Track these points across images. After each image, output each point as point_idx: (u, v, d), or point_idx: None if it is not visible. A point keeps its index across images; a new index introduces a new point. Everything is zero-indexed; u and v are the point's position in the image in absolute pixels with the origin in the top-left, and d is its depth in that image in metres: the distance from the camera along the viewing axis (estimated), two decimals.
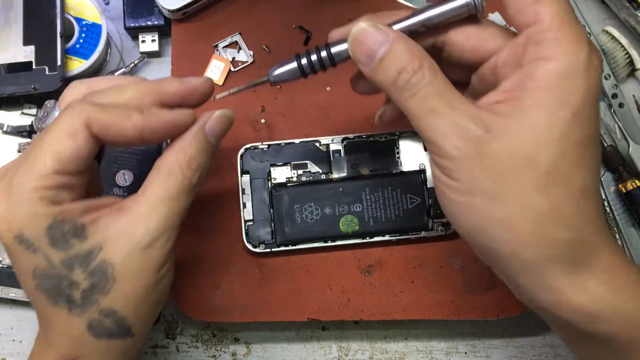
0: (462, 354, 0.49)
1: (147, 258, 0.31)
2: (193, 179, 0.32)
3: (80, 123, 0.30)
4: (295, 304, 0.45)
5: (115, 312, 0.31)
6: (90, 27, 0.49)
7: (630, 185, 0.49)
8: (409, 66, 0.29)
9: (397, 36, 0.30)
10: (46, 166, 0.29)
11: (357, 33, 0.30)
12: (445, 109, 0.28)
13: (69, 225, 0.30)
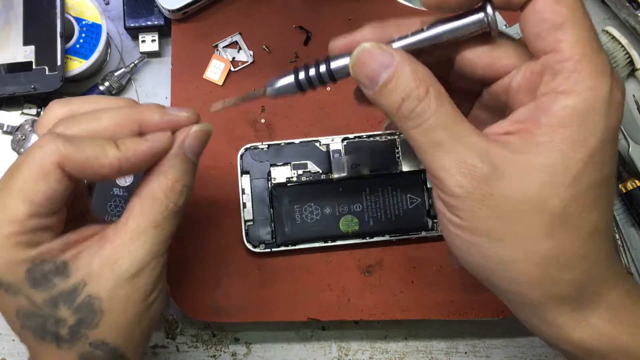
0: (462, 353, 0.49)
1: (134, 288, 0.30)
2: (179, 202, 0.31)
3: (52, 163, 0.28)
4: (295, 304, 0.45)
5: (107, 343, 0.30)
6: (90, 27, 0.49)
7: (630, 185, 0.49)
8: (414, 93, 0.27)
9: (403, 59, 0.27)
10: (19, 211, 0.28)
11: (359, 54, 0.28)
12: (450, 142, 0.27)
13: (50, 265, 0.29)
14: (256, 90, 0.32)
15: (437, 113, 0.27)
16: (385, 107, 0.28)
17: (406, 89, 0.27)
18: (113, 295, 0.30)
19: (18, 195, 0.28)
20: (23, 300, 0.29)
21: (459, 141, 0.27)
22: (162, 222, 0.30)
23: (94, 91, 0.50)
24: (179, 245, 0.44)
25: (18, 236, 0.28)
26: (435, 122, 0.27)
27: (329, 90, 0.48)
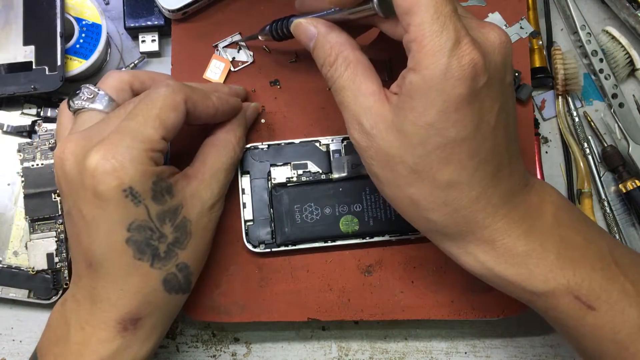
0: (462, 354, 0.49)
1: (210, 218, 0.38)
2: (240, 155, 0.42)
3: (181, 99, 0.36)
4: (295, 304, 0.45)
5: (188, 266, 0.37)
6: (90, 27, 0.49)
7: (630, 185, 0.49)
8: (326, 61, 0.35)
9: (322, 31, 0.35)
10: (157, 131, 0.34)
11: (293, 28, 0.37)
12: (348, 103, 0.34)
13: (165, 183, 0.35)
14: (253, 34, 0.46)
15: (340, 78, 0.34)
16: None
17: (322, 56, 0.35)
18: (198, 221, 0.37)
19: (156, 119, 0.34)
20: (142, 210, 0.34)
21: (354, 102, 0.33)
22: (231, 166, 0.40)
23: None
24: None
25: (152, 152, 0.34)
26: (339, 84, 0.34)
27: (328, 89, 0.48)
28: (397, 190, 0.34)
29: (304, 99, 0.48)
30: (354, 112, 0.33)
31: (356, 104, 0.33)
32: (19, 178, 0.47)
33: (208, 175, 0.38)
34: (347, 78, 0.34)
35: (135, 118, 0.34)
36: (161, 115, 0.35)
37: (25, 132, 0.48)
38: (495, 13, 0.50)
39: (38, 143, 0.47)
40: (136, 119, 0.34)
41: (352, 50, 0.34)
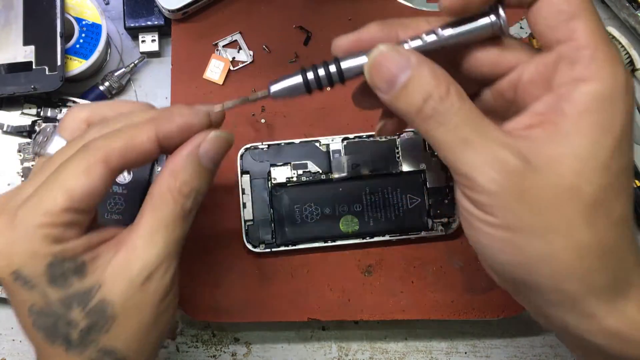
0: (462, 354, 0.49)
1: (146, 293, 0.30)
2: (186, 204, 0.30)
3: (97, 159, 0.28)
4: (295, 304, 0.45)
5: (115, 351, 0.30)
6: (90, 27, 0.49)
7: None
8: (435, 93, 0.27)
9: (420, 60, 0.27)
10: (56, 203, 0.28)
11: (376, 57, 0.28)
12: (478, 138, 0.26)
13: (70, 264, 0.29)
14: (260, 92, 0.31)
15: (460, 110, 0.26)
16: (405, 110, 0.28)
17: (427, 89, 0.27)
18: (126, 300, 0.29)
19: (58, 188, 0.28)
20: (38, 296, 0.29)
21: (486, 137, 0.26)
22: (172, 223, 0.30)
23: (94, 91, 0.50)
24: None
25: (48, 228, 0.28)
26: (460, 119, 0.26)
27: (329, 89, 0.48)
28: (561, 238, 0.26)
29: (304, 99, 0.48)
30: (490, 149, 0.26)
31: (490, 139, 0.26)
32: (19, 178, 0.47)
33: (140, 241, 0.30)
34: (468, 111, 0.27)
35: (37, 189, 0.29)
36: (66, 182, 0.28)
37: (25, 132, 0.48)
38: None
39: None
40: (37, 192, 0.29)
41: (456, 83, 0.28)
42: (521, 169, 0.25)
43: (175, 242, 0.30)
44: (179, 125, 0.30)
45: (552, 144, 0.26)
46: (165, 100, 0.51)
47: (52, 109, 0.48)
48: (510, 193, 0.26)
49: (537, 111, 0.27)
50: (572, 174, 0.25)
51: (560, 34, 0.26)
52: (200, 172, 0.31)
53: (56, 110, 0.48)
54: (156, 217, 0.30)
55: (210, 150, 0.31)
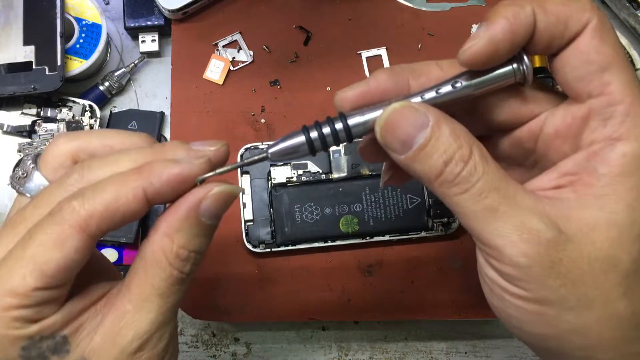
0: (462, 353, 0.49)
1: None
2: (184, 269, 0.26)
3: (73, 227, 0.24)
4: (295, 304, 0.45)
5: None
6: (90, 27, 0.49)
7: None
8: (457, 155, 0.24)
9: (439, 117, 0.25)
10: (25, 282, 0.24)
11: (390, 116, 0.25)
12: (506, 206, 0.24)
13: (48, 342, 0.25)
14: (259, 154, 0.27)
15: (485, 174, 0.24)
16: (422, 173, 0.25)
17: (448, 151, 0.24)
18: None
19: (27, 264, 0.24)
20: None
21: (514, 204, 0.24)
22: (167, 289, 0.26)
23: (94, 91, 0.50)
24: None
25: (19, 310, 0.24)
26: (485, 184, 0.24)
27: (328, 90, 0.48)
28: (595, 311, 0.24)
29: (304, 99, 0.48)
30: (518, 218, 0.24)
31: (518, 206, 0.24)
32: None
33: (130, 306, 0.26)
34: (493, 175, 0.24)
35: (2, 263, 0.25)
36: (37, 257, 0.24)
37: (25, 132, 0.48)
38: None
39: (38, 143, 0.47)
40: (3, 264, 0.24)
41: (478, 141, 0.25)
42: (553, 240, 0.23)
43: (170, 308, 0.27)
44: (173, 180, 0.25)
45: (585, 209, 0.24)
46: (165, 100, 0.51)
47: (52, 109, 0.48)
48: (542, 266, 0.24)
49: (566, 170, 0.25)
50: (609, 243, 0.24)
51: (591, 87, 0.24)
52: (201, 232, 0.26)
53: (56, 110, 0.48)
54: (150, 283, 0.26)
55: (213, 209, 0.26)
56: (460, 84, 0.26)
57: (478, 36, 0.24)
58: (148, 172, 0.25)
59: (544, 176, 0.26)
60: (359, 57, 0.49)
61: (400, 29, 0.49)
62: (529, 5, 0.24)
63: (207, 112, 0.48)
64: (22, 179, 0.29)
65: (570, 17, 0.24)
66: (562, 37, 0.24)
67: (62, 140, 0.28)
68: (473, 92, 0.26)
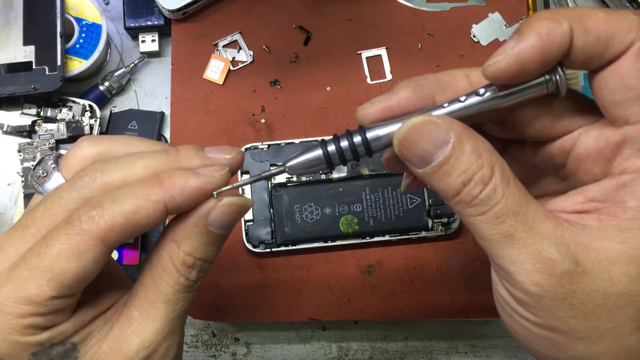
0: (462, 354, 0.49)
1: None
2: (190, 275, 0.26)
3: (93, 238, 0.24)
4: (295, 304, 0.45)
5: None
6: (90, 27, 0.49)
7: None
8: (477, 176, 0.23)
9: (461, 134, 0.23)
10: (42, 291, 0.24)
11: (409, 131, 0.24)
12: (523, 233, 0.23)
13: (58, 348, 0.25)
14: (276, 168, 0.27)
15: (505, 198, 0.23)
16: (439, 190, 0.24)
17: (467, 171, 0.23)
18: None
19: (44, 274, 0.24)
20: None
21: (532, 230, 0.23)
22: (173, 296, 0.26)
23: (93, 91, 0.50)
24: None
25: (33, 318, 0.24)
26: (503, 208, 0.23)
27: (328, 90, 0.48)
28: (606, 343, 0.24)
29: (304, 99, 0.48)
30: (534, 246, 0.23)
31: (536, 233, 0.23)
32: (19, 178, 0.47)
33: (137, 313, 0.26)
34: (515, 199, 0.23)
35: (19, 268, 0.24)
36: (55, 266, 0.24)
37: (25, 132, 0.48)
38: (495, 13, 0.50)
39: (38, 143, 0.47)
40: (20, 270, 0.24)
41: (502, 159, 0.24)
42: (569, 272, 0.23)
43: (178, 316, 0.27)
44: (194, 194, 0.25)
45: (606, 240, 0.23)
46: (165, 100, 0.51)
47: (52, 109, 0.48)
48: (554, 297, 0.23)
49: (592, 196, 0.24)
50: (627, 279, 0.23)
51: (629, 114, 0.23)
52: (209, 241, 0.26)
53: (56, 110, 0.48)
54: (157, 289, 0.26)
55: (221, 220, 0.26)
56: (487, 95, 0.24)
57: (504, 51, 0.23)
58: (170, 185, 0.25)
59: (569, 198, 0.25)
60: (359, 57, 0.49)
61: (400, 29, 0.49)
62: (567, 22, 0.23)
63: (207, 112, 0.48)
64: (41, 178, 0.29)
65: (612, 37, 0.23)
66: (602, 57, 0.23)
67: (85, 144, 0.28)
68: (501, 104, 0.24)
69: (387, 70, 0.49)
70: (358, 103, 0.48)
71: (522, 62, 0.23)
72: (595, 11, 0.23)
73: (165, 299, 0.26)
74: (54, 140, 0.47)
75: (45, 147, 0.47)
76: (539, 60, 0.23)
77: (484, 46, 0.49)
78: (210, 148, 0.27)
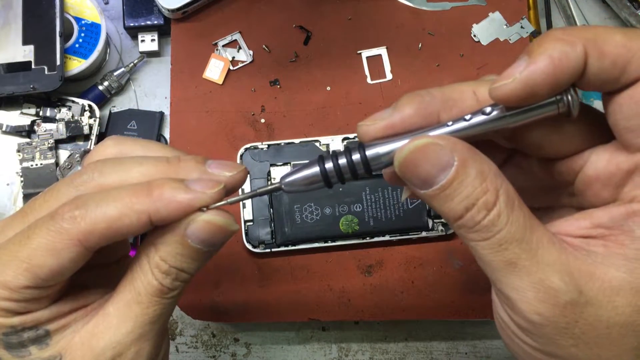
0: (462, 354, 0.49)
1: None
2: (164, 281, 0.26)
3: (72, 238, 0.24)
4: (295, 304, 0.45)
5: None
6: (89, 26, 0.49)
7: None
8: (480, 202, 0.22)
9: (466, 157, 0.22)
10: (16, 280, 0.24)
11: (410, 154, 0.23)
12: (527, 261, 0.22)
13: (30, 333, 0.26)
14: (271, 185, 0.27)
15: (509, 224, 0.22)
16: (441, 213, 0.24)
17: (471, 196, 0.22)
18: None
19: (21, 263, 0.24)
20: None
21: (535, 258, 0.22)
22: (146, 298, 0.26)
23: (93, 91, 0.50)
24: None
25: (5, 302, 0.25)
26: (507, 235, 0.22)
27: (328, 89, 0.48)
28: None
29: (304, 99, 0.48)
30: (537, 275, 0.22)
31: (539, 261, 0.22)
32: (18, 178, 0.47)
33: (112, 309, 0.26)
34: (519, 224, 0.22)
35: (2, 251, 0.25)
36: (32, 259, 0.24)
37: (24, 132, 0.48)
38: (495, 12, 0.49)
39: (37, 143, 0.47)
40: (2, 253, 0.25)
41: (507, 180, 0.23)
42: (572, 302, 0.22)
43: (150, 322, 0.26)
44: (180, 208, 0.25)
45: (612, 268, 0.22)
46: (164, 100, 0.51)
47: (52, 109, 0.48)
48: (555, 326, 0.22)
49: (599, 222, 0.23)
50: (631, 310, 0.22)
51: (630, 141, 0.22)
52: (186, 252, 0.26)
53: (55, 110, 0.48)
54: (132, 289, 0.26)
55: (199, 234, 0.25)
56: (494, 114, 0.23)
57: (513, 74, 0.22)
58: (158, 196, 0.24)
59: (575, 221, 0.24)
60: (359, 57, 0.49)
61: (400, 29, 0.49)
62: (582, 44, 0.21)
63: (206, 111, 0.48)
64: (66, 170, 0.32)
65: (629, 62, 0.21)
66: (617, 82, 0.22)
67: (109, 143, 0.28)
68: (509, 124, 0.23)
69: (387, 69, 0.48)
70: (358, 103, 0.48)
71: (532, 87, 0.22)
72: (612, 33, 0.22)
73: (138, 299, 0.26)
74: (53, 140, 0.47)
75: (45, 147, 0.47)
76: (549, 84, 0.22)
77: (484, 46, 0.49)
78: (213, 162, 0.26)
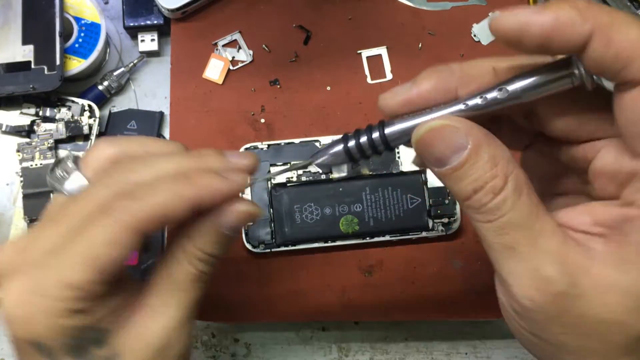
0: (462, 354, 0.49)
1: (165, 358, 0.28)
2: (200, 267, 0.29)
3: (128, 226, 0.25)
4: (295, 304, 0.45)
5: None
6: (89, 26, 0.49)
7: None
8: (488, 185, 0.23)
9: (479, 141, 0.23)
10: (81, 276, 0.25)
11: (425, 134, 0.24)
12: (526, 247, 0.23)
13: (91, 334, 0.27)
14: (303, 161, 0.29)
15: (513, 210, 0.23)
16: (451, 190, 0.25)
17: (479, 180, 0.23)
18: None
19: (83, 259, 0.25)
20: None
21: (535, 246, 0.23)
22: (185, 285, 0.29)
23: (92, 91, 0.50)
24: None
25: (71, 302, 0.25)
26: (510, 220, 0.23)
27: (328, 89, 0.48)
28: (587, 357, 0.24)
29: (304, 98, 0.48)
30: (534, 262, 0.23)
31: (538, 249, 0.23)
32: (18, 178, 0.47)
33: (157, 300, 0.28)
34: (523, 211, 0.23)
35: (58, 255, 0.26)
36: (93, 252, 0.25)
37: (24, 132, 0.48)
38: (496, 12, 0.49)
39: (37, 143, 0.47)
40: (59, 257, 0.26)
41: (519, 168, 0.24)
42: (564, 293, 0.23)
43: (190, 305, 0.29)
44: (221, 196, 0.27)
45: (608, 267, 0.23)
46: (164, 100, 0.51)
47: (51, 109, 0.48)
48: (546, 314, 0.23)
49: (600, 221, 0.24)
50: (621, 310, 0.23)
51: None
52: (219, 240, 0.28)
53: (55, 110, 0.48)
54: (173, 280, 0.28)
55: (231, 223, 0.28)
56: (508, 90, 0.24)
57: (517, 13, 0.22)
58: (200, 184, 0.26)
59: (578, 216, 0.24)
60: (359, 57, 0.49)
61: (400, 29, 0.49)
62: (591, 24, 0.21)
63: (206, 111, 0.48)
64: (61, 178, 0.30)
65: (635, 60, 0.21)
66: (616, 75, 0.22)
67: (104, 144, 0.30)
68: (522, 99, 0.24)
69: (388, 69, 0.48)
70: (358, 103, 0.48)
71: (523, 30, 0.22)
72: (629, 26, 0.21)
73: (180, 287, 0.28)
74: (52, 140, 0.47)
75: (44, 147, 0.47)
76: (537, 38, 0.22)
77: (484, 45, 0.49)
78: (230, 152, 0.29)
